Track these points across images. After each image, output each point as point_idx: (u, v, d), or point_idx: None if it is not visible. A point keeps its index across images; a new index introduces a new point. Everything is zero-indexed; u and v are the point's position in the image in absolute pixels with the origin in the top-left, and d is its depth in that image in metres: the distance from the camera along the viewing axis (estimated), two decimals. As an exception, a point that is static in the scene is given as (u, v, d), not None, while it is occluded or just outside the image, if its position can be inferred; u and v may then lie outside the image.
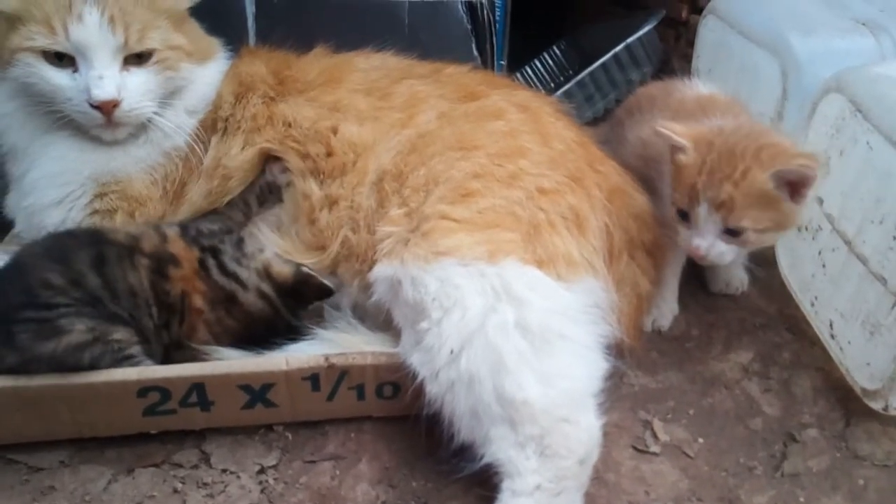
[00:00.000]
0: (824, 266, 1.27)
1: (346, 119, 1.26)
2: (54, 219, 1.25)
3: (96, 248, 1.10)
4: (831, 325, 1.25)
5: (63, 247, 1.11)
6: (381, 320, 1.15)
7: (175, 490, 1.06)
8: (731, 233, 1.13)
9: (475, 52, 1.69)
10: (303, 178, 1.24)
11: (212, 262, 1.17)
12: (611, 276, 1.15)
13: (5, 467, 1.09)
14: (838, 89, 1.22)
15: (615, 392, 1.18)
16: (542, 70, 2.21)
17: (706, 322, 1.38)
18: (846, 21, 1.51)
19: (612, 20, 2.26)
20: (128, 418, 1.10)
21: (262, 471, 1.09)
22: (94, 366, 1.04)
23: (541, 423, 0.97)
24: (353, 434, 1.15)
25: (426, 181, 1.15)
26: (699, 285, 1.44)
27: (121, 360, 1.06)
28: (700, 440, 1.15)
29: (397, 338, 1.10)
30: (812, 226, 1.30)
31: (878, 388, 1.12)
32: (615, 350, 1.14)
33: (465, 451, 1.02)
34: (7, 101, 1.23)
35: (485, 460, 0.99)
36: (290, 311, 1.19)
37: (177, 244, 1.16)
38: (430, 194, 1.13)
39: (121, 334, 1.07)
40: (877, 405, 1.13)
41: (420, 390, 1.03)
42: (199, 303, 1.15)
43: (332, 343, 1.14)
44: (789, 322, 1.37)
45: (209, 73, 1.31)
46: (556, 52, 2.23)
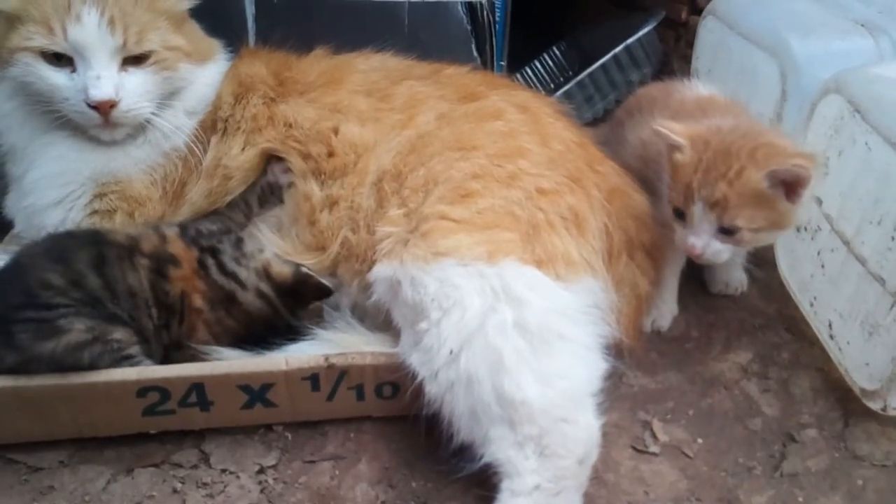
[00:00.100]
0: (823, 266, 1.27)
1: (346, 120, 1.26)
2: (54, 219, 1.25)
3: (96, 249, 1.11)
4: (830, 326, 1.25)
5: (63, 247, 1.11)
6: (380, 320, 1.16)
7: (174, 490, 1.06)
8: (726, 232, 1.13)
9: (475, 53, 1.69)
10: (304, 180, 1.24)
11: (211, 261, 1.17)
12: (610, 276, 1.15)
13: (5, 467, 1.09)
14: (837, 90, 1.22)
15: (614, 392, 1.18)
16: (542, 71, 2.21)
17: (705, 322, 1.38)
18: (845, 22, 1.52)
19: (612, 21, 2.26)
20: (127, 418, 1.10)
21: (261, 471, 1.09)
22: (94, 365, 1.04)
23: (540, 423, 0.97)
24: (352, 434, 1.15)
25: (425, 181, 1.15)
26: (698, 286, 1.45)
27: (120, 360, 1.06)
28: (699, 440, 1.15)
29: (397, 338, 1.10)
30: (811, 226, 1.30)
31: (877, 389, 1.12)
32: (614, 350, 1.14)
33: (465, 451, 1.02)
34: (6, 101, 1.23)
35: (484, 460, 0.99)
36: (289, 310, 1.19)
37: (176, 244, 1.17)
38: (430, 195, 1.13)
39: (120, 334, 1.07)
40: (875, 405, 1.14)
41: (419, 390, 1.03)
42: (199, 303, 1.15)
43: (331, 343, 1.14)
44: (788, 322, 1.37)
45: (209, 74, 1.31)
46: (556, 52, 2.23)
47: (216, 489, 1.06)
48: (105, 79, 1.16)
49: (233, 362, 1.11)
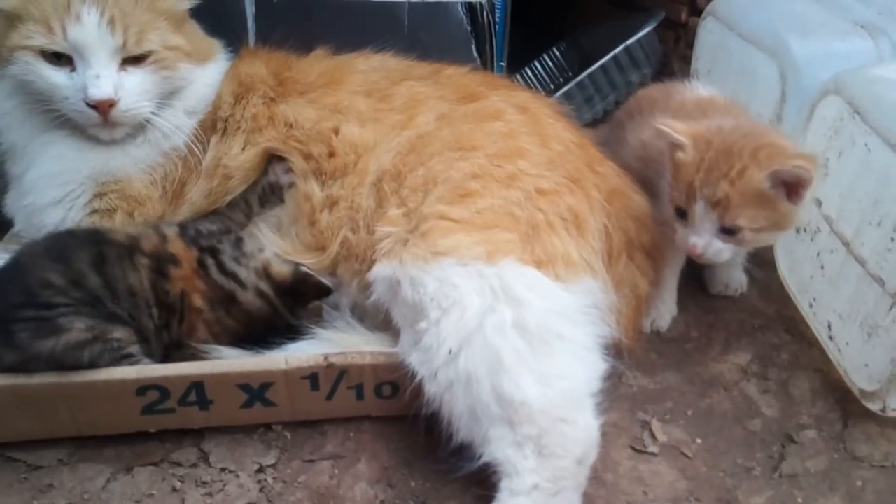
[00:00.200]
0: (823, 267, 1.27)
1: (347, 120, 1.26)
2: (54, 218, 1.25)
3: (96, 248, 1.11)
4: (830, 327, 1.25)
5: (63, 246, 1.11)
6: (379, 320, 1.16)
7: (174, 489, 1.06)
8: (728, 231, 1.13)
9: (475, 54, 1.69)
10: (305, 180, 1.24)
11: (210, 261, 1.17)
12: (609, 276, 1.15)
13: (4, 465, 1.09)
14: (837, 91, 1.22)
15: (613, 392, 1.18)
16: (542, 71, 2.21)
17: (705, 323, 1.38)
18: (845, 23, 1.52)
19: (612, 22, 2.26)
20: (127, 417, 1.10)
21: (260, 470, 1.09)
22: (94, 364, 1.04)
23: (539, 422, 0.97)
24: (351, 433, 1.15)
25: (425, 181, 1.15)
26: (698, 286, 1.45)
27: (120, 359, 1.06)
28: (698, 441, 1.15)
29: (396, 337, 1.10)
30: (811, 227, 1.30)
31: (876, 390, 1.13)
32: (614, 350, 1.14)
33: (464, 451, 1.02)
34: (6, 100, 1.23)
35: (483, 460, 0.99)
36: (289, 310, 1.19)
37: (176, 244, 1.17)
38: (429, 194, 1.13)
39: (120, 333, 1.07)
40: (875, 406, 1.14)
41: (419, 390, 1.03)
42: (199, 302, 1.15)
43: (331, 343, 1.14)
44: (788, 323, 1.37)
45: (208, 74, 1.31)
46: (556, 53, 2.23)
47: (215, 488, 1.06)
48: (104, 78, 1.16)
49: (232, 361, 1.11)
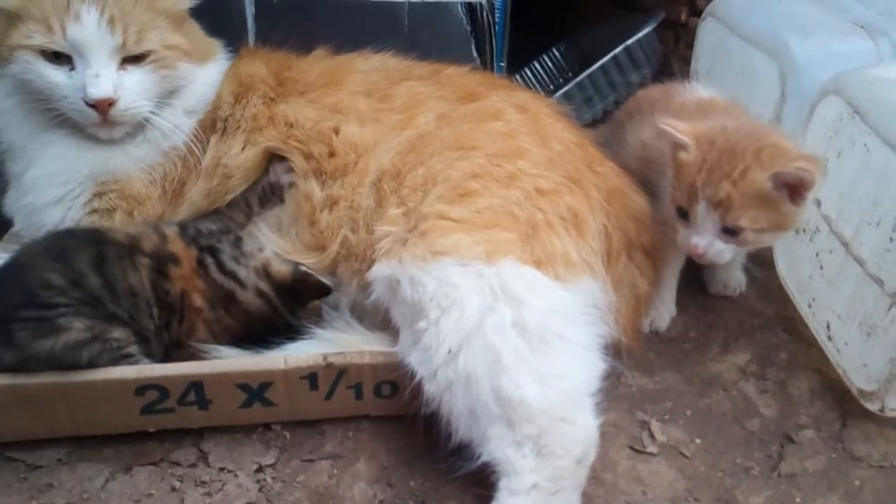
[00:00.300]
0: (822, 268, 1.27)
1: (347, 120, 1.26)
2: (53, 217, 1.25)
3: (97, 248, 1.11)
4: (828, 327, 1.25)
5: (63, 246, 1.11)
6: (379, 320, 1.16)
7: (173, 488, 1.06)
8: (729, 232, 1.13)
9: (475, 54, 1.69)
10: (305, 179, 1.25)
11: (210, 260, 1.17)
12: (609, 276, 1.15)
13: (3, 465, 1.09)
14: (836, 92, 1.22)
15: (613, 392, 1.18)
16: (542, 72, 2.21)
17: (704, 323, 1.38)
18: (844, 24, 1.52)
19: (612, 22, 2.26)
20: (126, 417, 1.10)
21: (259, 469, 1.09)
22: (93, 364, 1.04)
23: (538, 422, 0.97)
24: (350, 433, 1.15)
25: (424, 181, 1.15)
26: (697, 287, 1.45)
27: (119, 359, 1.06)
28: (697, 441, 1.15)
29: (395, 337, 1.10)
30: (810, 227, 1.30)
31: (875, 390, 1.13)
32: (613, 350, 1.14)
33: (463, 450, 1.02)
34: (5, 99, 1.23)
35: (482, 459, 0.99)
36: (288, 309, 1.19)
37: (176, 243, 1.17)
38: (429, 194, 1.13)
39: (119, 333, 1.07)
40: (873, 406, 1.14)
41: (418, 389, 1.04)
42: (199, 302, 1.15)
43: (330, 342, 1.14)
44: (787, 323, 1.37)
45: (208, 74, 1.31)
46: (556, 53, 2.23)
47: (214, 487, 1.06)
48: (104, 77, 1.16)
49: (231, 361, 1.11)
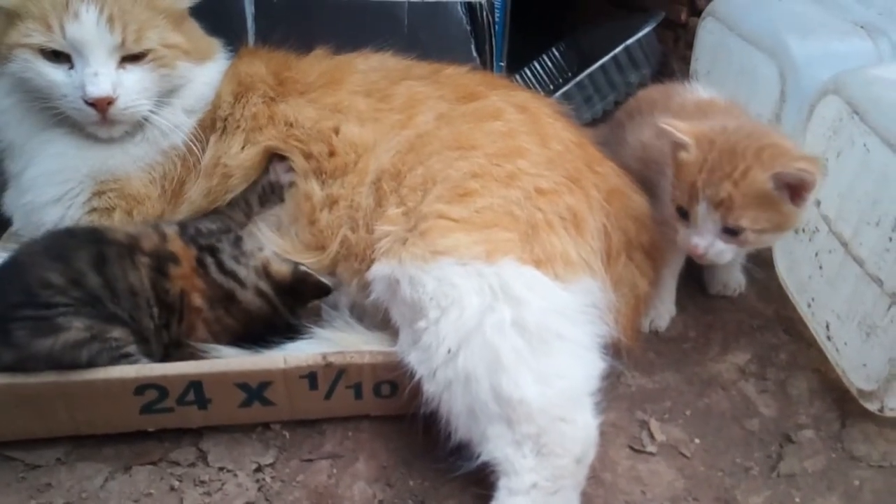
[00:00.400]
0: (821, 268, 1.27)
1: (347, 120, 1.26)
2: (52, 216, 1.25)
3: (96, 247, 1.10)
4: (828, 327, 1.25)
5: (63, 246, 1.11)
6: (378, 319, 1.16)
7: (172, 488, 1.06)
8: (730, 232, 1.13)
9: (474, 53, 1.69)
10: (305, 179, 1.24)
11: (210, 260, 1.17)
12: (608, 276, 1.15)
13: (2, 464, 1.09)
14: (836, 91, 1.22)
15: (612, 392, 1.18)
16: (542, 72, 2.21)
17: (703, 323, 1.38)
18: (844, 24, 1.52)
19: (612, 22, 2.26)
20: (125, 416, 1.10)
21: (259, 469, 1.09)
22: (92, 363, 1.04)
23: (538, 421, 0.97)
24: (350, 433, 1.15)
25: (424, 180, 1.15)
26: (697, 287, 1.45)
27: (118, 358, 1.06)
28: (696, 440, 1.15)
29: (395, 337, 1.10)
30: (809, 227, 1.30)
31: (874, 390, 1.13)
32: (612, 350, 1.14)
33: (463, 450, 1.02)
34: (5, 97, 1.23)
35: (482, 459, 0.99)
36: (288, 309, 1.19)
37: (176, 243, 1.17)
38: (428, 193, 1.13)
39: (118, 333, 1.07)
40: (872, 406, 1.14)
41: (417, 389, 1.03)
42: (199, 301, 1.15)
43: (329, 342, 1.14)
44: (786, 323, 1.37)
45: (208, 73, 1.31)
46: (556, 53, 2.23)
47: (214, 487, 1.06)
48: (103, 76, 1.16)
49: (231, 360, 1.11)
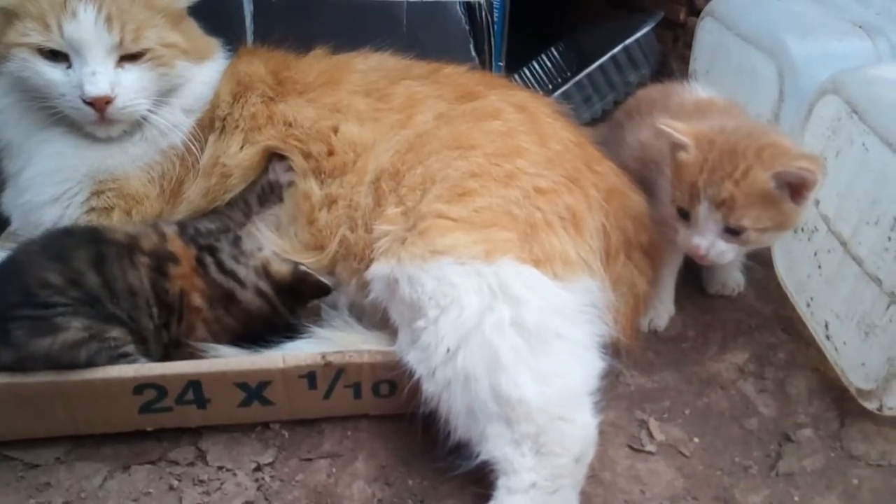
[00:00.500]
0: (820, 267, 1.27)
1: (346, 119, 1.26)
2: (51, 216, 1.25)
3: (95, 247, 1.10)
4: (827, 326, 1.25)
5: (61, 245, 1.10)
6: (377, 319, 1.16)
7: (171, 487, 1.06)
8: (732, 232, 1.13)
9: (473, 53, 1.69)
10: (304, 178, 1.24)
11: (209, 260, 1.17)
12: (607, 275, 1.15)
13: (1, 464, 1.09)
14: (835, 91, 1.22)
15: (611, 391, 1.18)
16: (541, 71, 2.21)
17: (702, 322, 1.38)
18: (843, 24, 1.52)
19: (611, 22, 2.26)
20: (124, 415, 1.10)
21: (258, 468, 1.09)
22: (91, 363, 1.04)
23: (537, 421, 0.97)
24: (349, 432, 1.15)
25: (423, 180, 1.15)
26: (696, 286, 1.45)
27: (117, 358, 1.06)
28: (695, 440, 1.15)
29: (394, 336, 1.10)
30: (808, 227, 1.30)
31: (873, 389, 1.13)
32: (611, 349, 1.14)
33: (462, 449, 1.02)
34: (2, 97, 1.23)
35: (481, 458, 0.99)
36: (288, 309, 1.19)
37: (175, 242, 1.17)
38: (427, 193, 1.13)
39: (117, 332, 1.07)
40: (871, 405, 1.14)
41: (416, 388, 1.03)
42: (198, 301, 1.15)
43: (329, 341, 1.14)
44: (785, 323, 1.37)
45: (206, 73, 1.31)
46: (555, 53, 2.23)
47: (213, 486, 1.06)
48: (101, 75, 1.16)
49: (230, 360, 1.11)
